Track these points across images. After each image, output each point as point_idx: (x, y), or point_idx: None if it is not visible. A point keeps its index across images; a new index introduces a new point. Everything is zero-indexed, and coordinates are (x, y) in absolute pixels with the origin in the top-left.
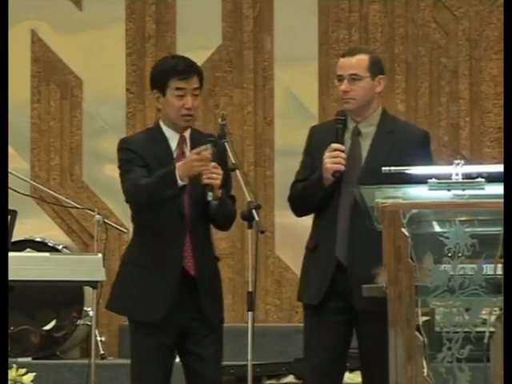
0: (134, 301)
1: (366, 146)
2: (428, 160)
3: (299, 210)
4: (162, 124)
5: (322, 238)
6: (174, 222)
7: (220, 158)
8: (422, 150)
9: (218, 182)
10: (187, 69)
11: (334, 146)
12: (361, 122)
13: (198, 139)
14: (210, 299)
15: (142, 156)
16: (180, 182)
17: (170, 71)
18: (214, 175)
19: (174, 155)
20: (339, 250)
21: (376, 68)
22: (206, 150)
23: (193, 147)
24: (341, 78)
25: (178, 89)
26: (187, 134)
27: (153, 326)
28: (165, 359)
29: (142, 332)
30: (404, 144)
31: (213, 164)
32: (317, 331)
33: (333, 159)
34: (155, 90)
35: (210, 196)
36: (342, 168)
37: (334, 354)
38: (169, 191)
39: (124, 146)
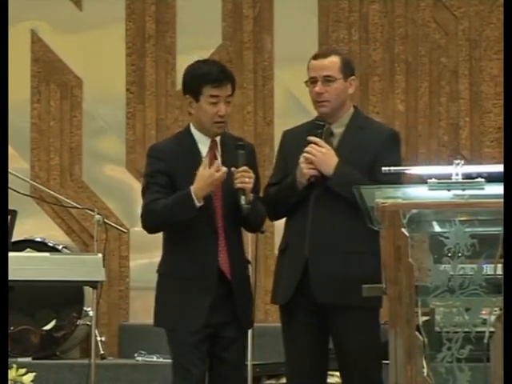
0: (176, 315)
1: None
2: (395, 159)
3: (273, 213)
4: (192, 128)
5: (292, 238)
6: (206, 230)
7: (250, 160)
8: (388, 147)
9: (251, 185)
10: (221, 76)
11: (312, 143)
12: (333, 123)
13: (228, 143)
14: (243, 303)
15: (168, 165)
16: (197, 204)
17: (203, 78)
18: (246, 179)
19: (205, 161)
20: (308, 249)
21: (348, 69)
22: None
23: (224, 151)
24: (314, 80)
25: (211, 96)
26: (218, 138)
27: (191, 333)
28: (201, 361)
29: (180, 337)
30: (371, 141)
31: (244, 168)
32: (288, 331)
33: (308, 164)
34: (188, 96)
35: (243, 200)
36: (317, 173)
37: (311, 354)
38: (186, 215)
39: (151, 154)
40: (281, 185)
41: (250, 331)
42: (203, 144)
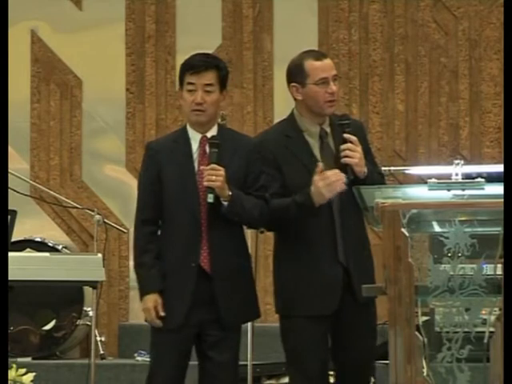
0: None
1: (330, 142)
2: (368, 146)
3: (274, 227)
4: (187, 125)
5: (318, 244)
6: (189, 227)
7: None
8: (364, 138)
9: (218, 183)
10: (198, 63)
11: (330, 173)
12: (323, 124)
13: (225, 139)
14: (227, 299)
15: (159, 164)
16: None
17: (184, 66)
18: (213, 177)
19: (195, 156)
20: (343, 257)
21: None
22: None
23: (221, 147)
24: (325, 81)
25: (189, 83)
26: (212, 133)
27: (171, 331)
28: (180, 360)
29: (161, 334)
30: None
31: (212, 166)
32: (311, 338)
33: (328, 187)
34: (180, 88)
35: (210, 198)
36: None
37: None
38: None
39: (146, 152)
40: (287, 203)
41: (249, 331)
42: (195, 140)
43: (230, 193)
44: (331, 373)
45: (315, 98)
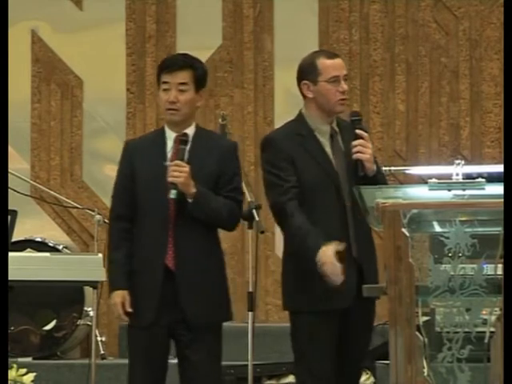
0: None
1: (339, 141)
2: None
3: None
4: (165, 124)
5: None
6: (157, 225)
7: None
8: None
9: (181, 179)
10: (172, 62)
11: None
12: (332, 123)
13: (201, 138)
14: (191, 300)
15: (133, 161)
16: None
17: (160, 66)
18: (175, 173)
19: (169, 155)
20: (356, 254)
21: None
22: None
23: (194, 146)
24: (337, 79)
25: (163, 83)
26: (188, 132)
27: (142, 329)
28: (155, 359)
29: (133, 334)
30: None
31: (176, 162)
32: (321, 336)
33: (332, 276)
34: (158, 87)
35: (172, 194)
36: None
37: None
38: None
39: (123, 150)
40: (306, 237)
41: (250, 331)
42: (171, 140)
43: (195, 190)
44: None
45: (327, 96)
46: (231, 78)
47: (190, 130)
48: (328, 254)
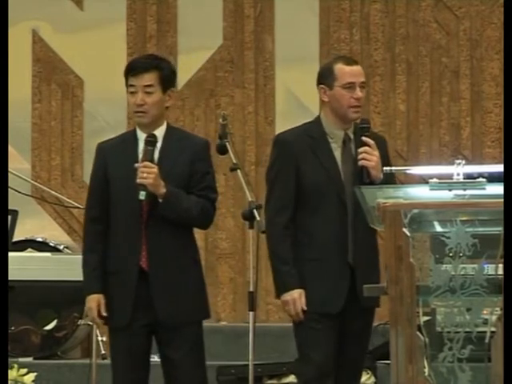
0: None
1: (352, 148)
2: (388, 163)
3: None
4: (136, 125)
5: (331, 246)
6: (130, 226)
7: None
8: (384, 155)
9: (150, 180)
10: (137, 65)
11: None
12: (348, 129)
13: (172, 138)
14: (163, 299)
15: (106, 163)
16: None
17: (126, 69)
18: (144, 174)
19: (140, 156)
20: (352, 258)
21: None
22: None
23: (165, 146)
24: (352, 86)
25: (130, 86)
26: (158, 132)
27: (120, 330)
28: (136, 360)
29: (113, 336)
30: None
31: (144, 163)
32: (317, 337)
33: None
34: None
35: (141, 195)
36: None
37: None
38: None
39: (95, 152)
40: (283, 266)
41: (251, 331)
42: (142, 140)
43: (165, 190)
44: None
45: (340, 102)
46: (232, 77)
47: (160, 131)
48: (295, 297)
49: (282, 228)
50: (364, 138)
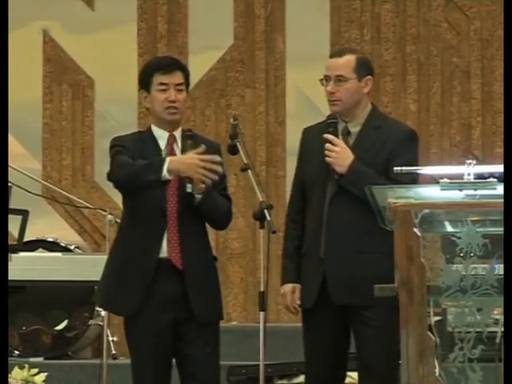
0: (111, 294)
1: (349, 141)
2: (410, 157)
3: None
4: (152, 126)
5: (309, 240)
6: (153, 217)
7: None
8: (405, 146)
9: (198, 175)
10: (169, 64)
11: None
12: (350, 122)
13: (187, 139)
14: (200, 296)
15: (131, 152)
16: (165, 174)
17: (153, 67)
18: (199, 169)
19: (164, 154)
20: (323, 251)
21: (363, 69)
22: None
23: (183, 147)
24: (327, 79)
25: (161, 84)
26: (177, 133)
27: (145, 324)
28: (160, 359)
29: (135, 330)
30: (387, 139)
31: (209, 157)
32: (310, 334)
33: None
34: (142, 90)
35: (189, 188)
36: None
37: (331, 357)
38: (150, 176)
39: (114, 143)
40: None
41: (261, 331)
42: (162, 139)
43: (204, 185)
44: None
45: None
46: (242, 77)
47: (179, 130)
48: (286, 291)
49: (288, 221)
50: (325, 135)
